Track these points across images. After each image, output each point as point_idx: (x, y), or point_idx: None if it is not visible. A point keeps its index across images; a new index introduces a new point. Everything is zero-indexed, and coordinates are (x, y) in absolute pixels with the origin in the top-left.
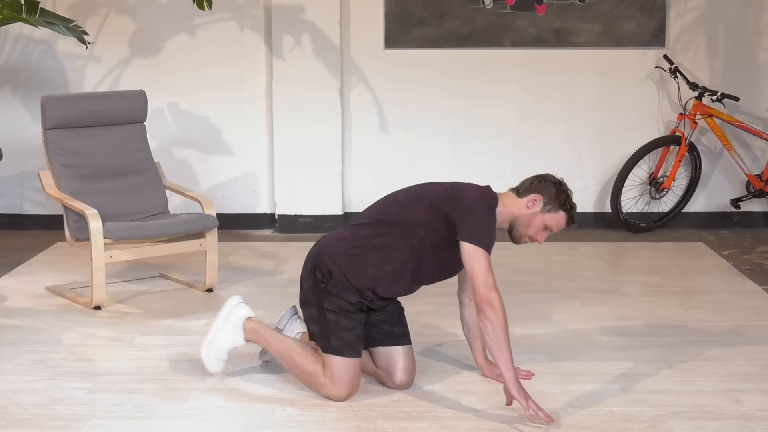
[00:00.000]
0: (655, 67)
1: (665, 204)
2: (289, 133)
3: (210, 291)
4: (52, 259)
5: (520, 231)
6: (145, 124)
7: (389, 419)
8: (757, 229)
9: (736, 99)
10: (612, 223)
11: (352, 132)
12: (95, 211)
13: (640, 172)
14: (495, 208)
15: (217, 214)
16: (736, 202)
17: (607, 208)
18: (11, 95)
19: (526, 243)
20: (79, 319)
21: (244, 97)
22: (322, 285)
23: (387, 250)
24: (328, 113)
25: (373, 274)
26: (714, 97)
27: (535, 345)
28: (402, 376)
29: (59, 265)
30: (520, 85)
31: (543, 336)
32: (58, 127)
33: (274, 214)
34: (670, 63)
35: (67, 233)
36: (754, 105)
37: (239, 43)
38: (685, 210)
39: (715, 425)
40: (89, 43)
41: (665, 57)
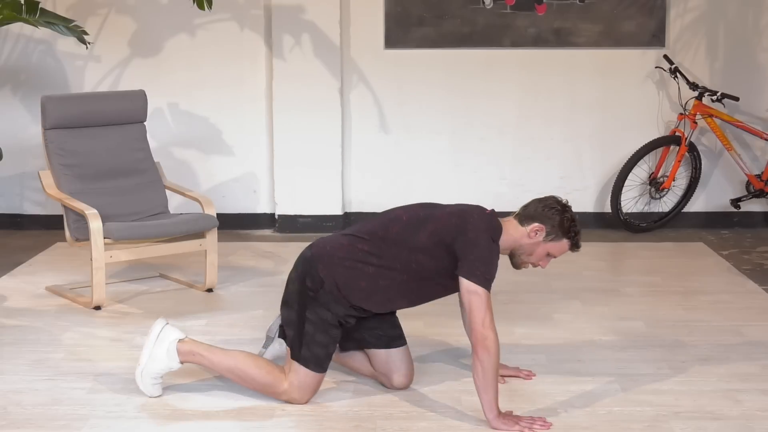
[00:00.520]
0: (655, 67)
1: (665, 204)
2: (289, 133)
3: (210, 291)
4: (52, 259)
5: (522, 259)
6: (145, 124)
7: (389, 419)
8: (757, 229)
9: (736, 99)
10: (612, 223)
11: (352, 132)
12: (95, 211)
13: (640, 172)
14: (498, 240)
15: (217, 214)
16: (736, 202)
17: (607, 208)
18: (11, 95)
19: (527, 268)
20: (79, 319)
21: (244, 97)
22: (310, 293)
23: (384, 268)
24: (328, 113)
25: (365, 287)
26: (714, 97)
27: (535, 345)
28: (400, 378)
29: (59, 265)
30: (520, 85)
31: (543, 336)
32: (58, 127)
33: (274, 214)
34: (670, 63)
35: (67, 233)
36: (754, 105)
37: (239, 43)
38: (685, 210)
39: (715, 425)
40: (89, 43)
41: (665, 57)
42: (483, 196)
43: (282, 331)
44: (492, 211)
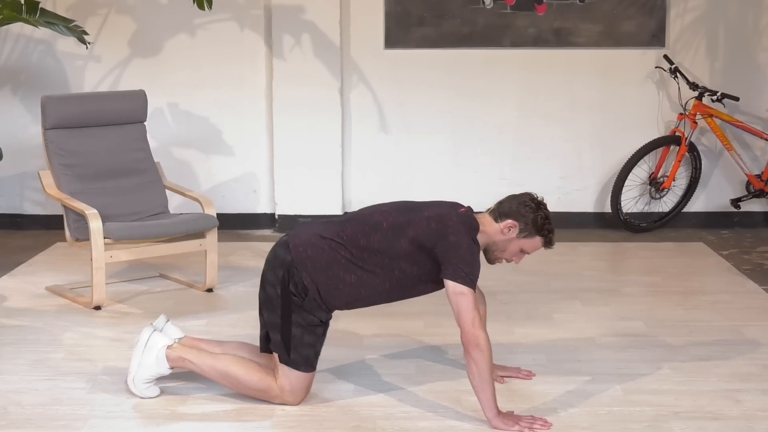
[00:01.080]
0: (655, 67)
1: (665, 204)
2: (289, 132)
3: (210, 291)
4: (52, 259)
5: (495, 255)
6: (145, 124)
7: (389, 419)
8: (757, 229)
9: (736, 99)
10: (612, 223)
11: (352, 132)
12: (95, 211)
13: (640, 172)
14: (476, 238)
15: (217, 214)
16: (736, 202)
17: (607, 208)
18: (11, 95)
19: (500, 263)
20: (79, 319)
21: (244, 97)
22: (295, 299)
23: (366, 275)
24: (328, 113)
25: (347, 295)
26: (714, 97)
27: (535, 345)
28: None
29: (59, 265)
30: (520, 85)
31: (543, 336)
32: (58, 127)
33: (274, 214)
34: (670, 63)
35: (67, 233)
36: (754, 105)
37: (239, 43)
38: (685, 210)
39: (715, 425)
40: (89, 43)
41: (665, 57)
42: (483, 196)
43: (265, 337)
44: (468, 209)
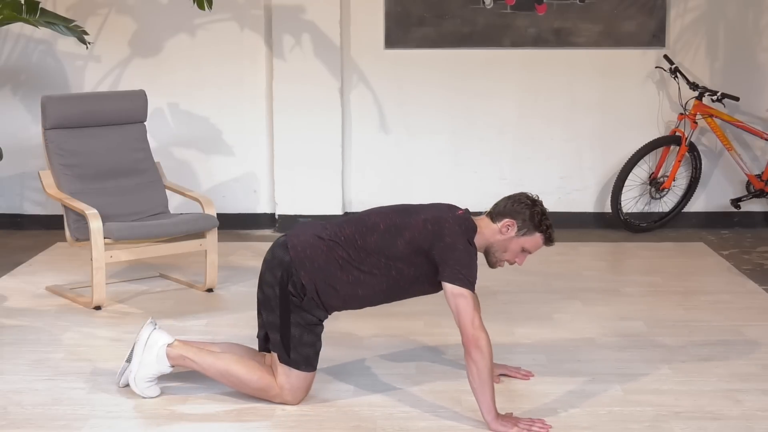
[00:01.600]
0: (656, 67)
1: (665, 204)
2: (290, 132)
3: (210, 291)
4: (52, 259)
5: (495, 257)
6: (145, 124)
7: (389, 419)
8: (758, 229)
9: (737, 99)
10: (612, 223)
11: (353, 132)
12: (95, 211)
13: (641, 172)
14: (474, 240)
15: (218, 214)
16: (736, 202)
17: (608, 208)
18: (11, 95)
19: (502, 267)
20: (79, 319)
21: (244, 97)
22: (294, 299)
23: (364, 276)
24: (328, 113)
25: (344, 296)
26: (714, 97)
27: (535, 345)
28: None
29: (59, 265)
30: (521, 85)
31: (543, 336)
32: (59, 127)
33: (274, 214)
34: (671, 63)
35: (67, 233)
36: (754, 105)
37: (239, 43)
38: (685, 210)
39: (716, 425)
40: (89, 43)
41: (665, 57)
42: (483, 196)
43: (264, 337)
44: (465, 211)
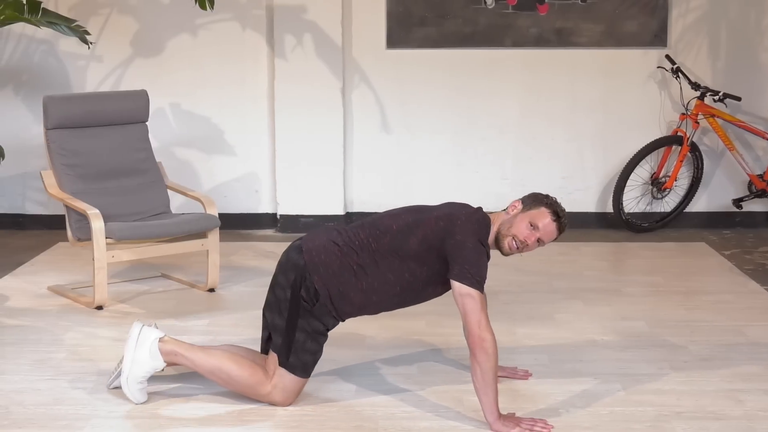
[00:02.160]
0: (657, 67)
1: (667, 204)
2: (291, 132)
3: (212, 291)
4: (54, 259)
5: (504, 234)
6: (147, 124)
7: (391, 419)
8: (759, 229)
9: (738, 99)
10: (614, 223)
11: (354, 132)
12: (97, 211)
13: (642, 172)
14: (486, 240)
15: (219, 214)
16: (738, 202)
17: (609, 208)
18: (13, 95)
19: (514, 252)
20: (80, 319)
21: (245, 97)
22: (305, 304)
23: (378, 282)
24: (329, 113)
25: (358, 303)
26: (716, 97)
27: (536, 345)
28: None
29: (61, 265)
30: (522, 85)
31: (545, 336)
32: (60, 127)
33: (276, 214)
34: (672, 63)
35: (69, 233)
36: (756, 105)
37: (241, 43)
38: (687, 210)
39: (717, 425)
40: (91, 43)
41: (667, 57)
42: (485, 196)
43: (267, 339)
44: (479, 209)
